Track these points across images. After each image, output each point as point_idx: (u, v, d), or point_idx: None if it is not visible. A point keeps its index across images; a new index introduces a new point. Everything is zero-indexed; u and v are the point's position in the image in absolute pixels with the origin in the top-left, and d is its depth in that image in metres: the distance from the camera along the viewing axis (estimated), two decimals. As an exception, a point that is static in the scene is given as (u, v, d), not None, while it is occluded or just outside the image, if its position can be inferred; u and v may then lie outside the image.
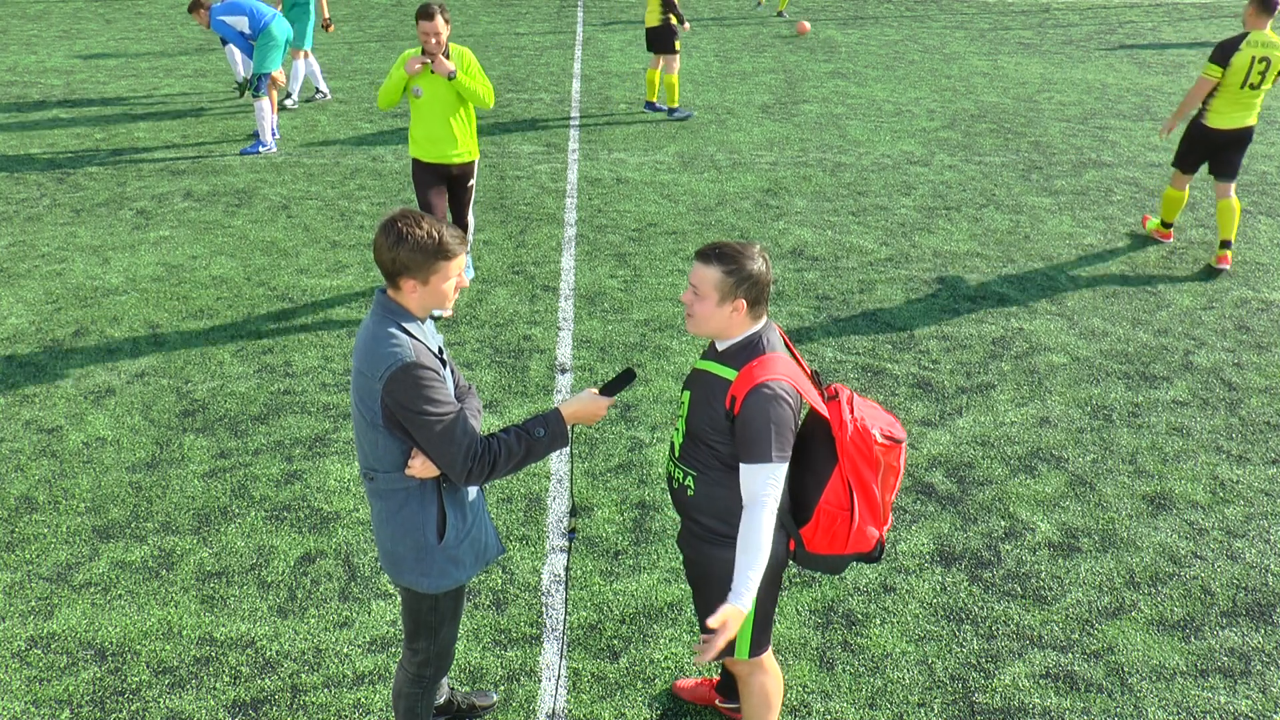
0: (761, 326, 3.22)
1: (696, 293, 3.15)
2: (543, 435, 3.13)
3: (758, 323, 3.21)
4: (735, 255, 3.11)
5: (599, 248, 8.58)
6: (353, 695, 4.16)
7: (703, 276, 3.13)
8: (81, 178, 10.12)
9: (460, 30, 18.24)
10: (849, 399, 3.28)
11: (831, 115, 12.84)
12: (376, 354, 2.99)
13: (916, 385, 6.54)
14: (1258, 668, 4.39)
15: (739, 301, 3.12)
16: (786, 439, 3.10)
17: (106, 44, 16.50)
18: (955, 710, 4.15)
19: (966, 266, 8.33)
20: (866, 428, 3.20)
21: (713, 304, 3.13)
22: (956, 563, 4.98)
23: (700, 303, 3.15)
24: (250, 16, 10.60)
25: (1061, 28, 19.41)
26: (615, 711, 4.11)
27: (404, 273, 3.00)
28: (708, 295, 3.13)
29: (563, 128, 12.09)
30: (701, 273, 3.13)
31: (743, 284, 3.11)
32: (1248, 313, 7.61)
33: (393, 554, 3.23)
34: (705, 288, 3.13)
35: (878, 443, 3.21)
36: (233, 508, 5.30)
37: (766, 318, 3.26)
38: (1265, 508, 5.42)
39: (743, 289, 3.11)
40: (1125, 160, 11.15)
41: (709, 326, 3.18)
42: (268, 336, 7.04)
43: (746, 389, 3.10)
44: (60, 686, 4.19)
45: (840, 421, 3.21)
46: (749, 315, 3.17)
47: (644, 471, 5.61)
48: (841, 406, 3.25)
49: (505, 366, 6.67)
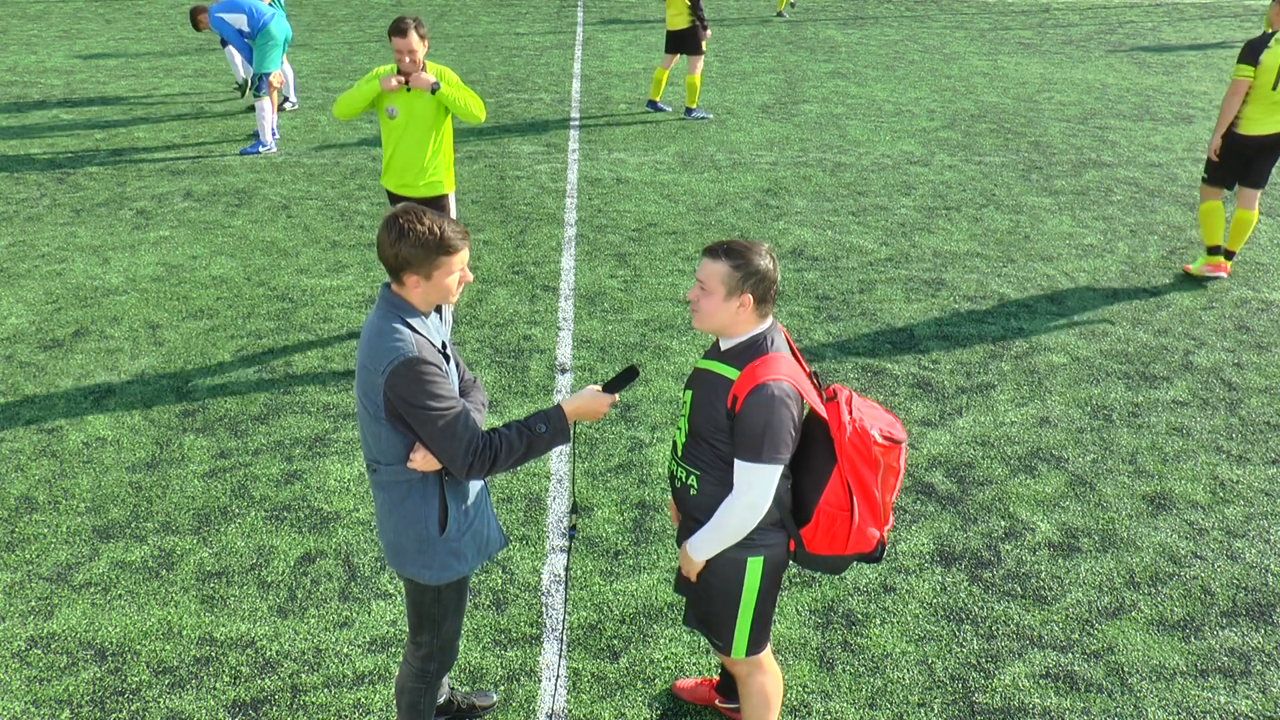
0: (767, 327, 3.23)
1: (704, 287, 3.17)
2: (544, 431, 3.15)
3: (763, 322, 3.22)
4: (743, 251, 3.14)
5: (599, 248, 8.58)
6: (353, 695, 4.16)
7: (710, 271, 3.14)
8: (81, 178, 10.12)
9: (460, 30, 18.24)
10: (848, 399, 3.29)
11: (831, 115, 12.84)
12: (379, 348, 3.01)
13: (916, 385, 6.54)
14: (1258, 668, 4.39)
15: (745, 297, 3.13)
16: (783, 440, 3.10)
17: (106, 44, 16.50)
18: (955, 710, 4.15)
19: (966, 266, 8.34)
20: (865, 428, 3.21)
21: (719, 298, 3.15)
22: (956, 563, 4.98)
23: (707, 297, 3.16)
24: (249, 15, 10.60)
25: (1061, 28, 19.41)
26: (615, 711, 4.11)
27: (406, 268, 3.03)
28: (714, 290, 3.14)
29: (563, 128, 12.09)
30: (709, 267, 3.15)
31: (749, 279, 3.12)
32: (1248, 313, 7.61)
33: (395, 545, 3.26)
34: (712, 282, 3.14)
35: (877, 443, 3.21)
36: (233, 508, 5.30)
37: (772, 318, 3.27)
38: (1265, 508, 5.42)
39: (749, 284, 3.13)
40: (1125, 160, 11.15)
41: (714, 321, 3.18)
42: (268, 336, 7.04)
43: (748, 388, 3.10)
44: (60, 686, 4.19)
45: (839, 423, 3.22)
46: (755, 313, 3.18)
47: (644, 471, 5.61)
48: (840, 408, 3.25)
49: (505, 366, 6.67)
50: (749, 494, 3.13)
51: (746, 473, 3.12)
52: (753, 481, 3.11)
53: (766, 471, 3.10)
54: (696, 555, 3.30)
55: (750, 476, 3.11)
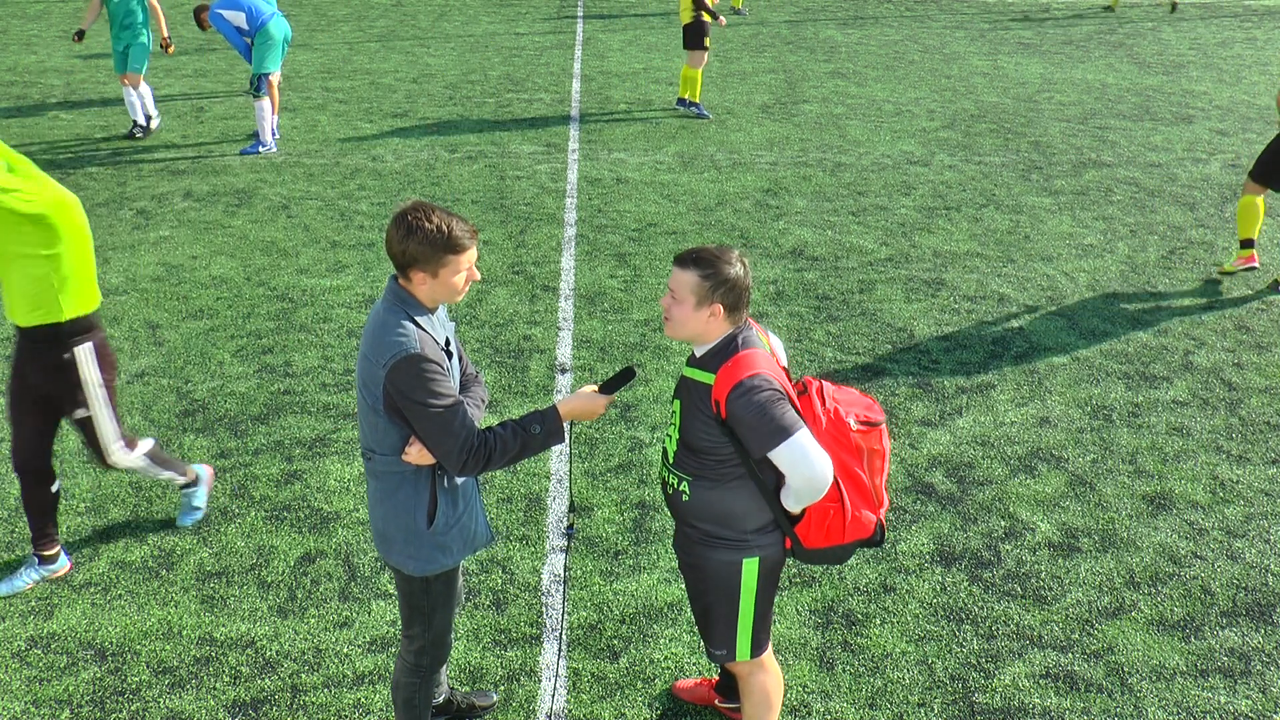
0: (737, 328, 3.22)
1: (674, 297, 3.16)
2: (538, 432, 3.18)
3: (734, 326, 3.22)
4: (712, 260, 3.12)
5: (599, 248, 8.58)
6: (353, 695, 4.16)
7: (680, 281, 3.14)
8: (81, 178, 10.12)
9: (460, 30, 18.24)
10: (818, 390, 3.29)
11: (831, 115, 12.84)
12: (383, 341, 3.04)
13: (916, 385, 6.54)
14: (1258, 668, 4.39)
15: (715, 306, 3.13)
16: (785, 413, 3.08)
17: (106, 44, 16.49)
18: (955, 710, 4.15)
19: (966, 266, 8.34)
20: (841, 416, 3.21)
21: (689, 308, 3.14)
22: (956, 563, 4.98)
23: (677, 306, 3.16)
24: (248, 13, 10.59)
25: (1061, 28, 19.41)
26: (615, 711, 4.11)
27: (414, 265, 3.05)
28: (684, 299, 3.14)
29: (563, 128, 12.10)
30: (679, 277, 3.14)
31: (719, 288, 3.11)
32: (1248, 313, 7.61)
33: (383, 533, 3.30)
34: (682, 292, 3.14)
35: (854, 430, 3.22)
36: (233, 508, 5.30)
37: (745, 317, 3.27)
38: (1265, 508, 5.42)
39: (719, 293, 3.12)
40: (1125, 160, 11.15)
41: (685, 330, 3.18)
42: (267, 336, 7.04)
43: (726, 391, 3.10)
44: (60, 686, 4.19)
45: (813, 416, 3.23)
46: (727, 320, 3.17)
47: (644, 471, 5.61)
48: (813, 400, 3.26)
49: (505, 366, 6.67)
50: (796, 473, 3.09)
51: (778, 458, 3.10)
52: (791, 461, 3.09)
53: (793, 445, 3.07)
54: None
55: (784, 458, 3.09)
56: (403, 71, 14.80)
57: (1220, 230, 9.17)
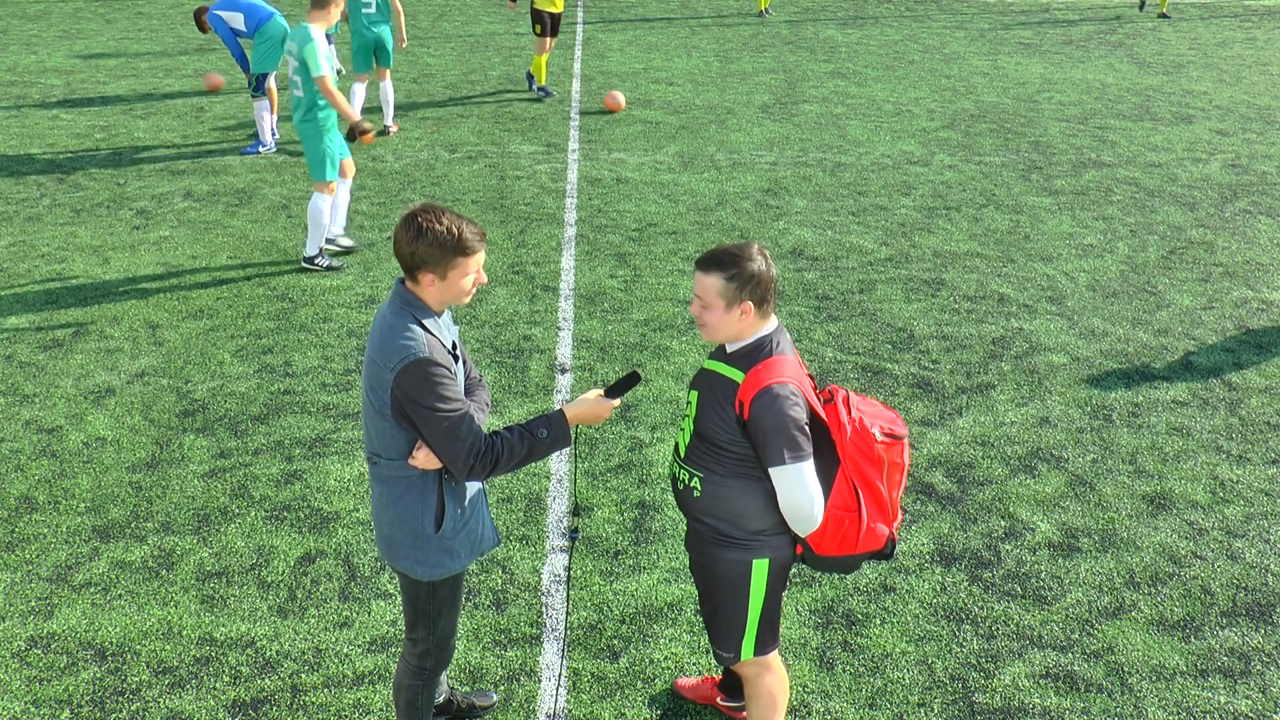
0: (773, 330, 3.23)
1: (703, 303, 3.16)
2: (545, 436, 3.16)
3: (767, 323, 3.22)
4: (734, 259, 3.11)
5: (599, 248, 8.58)
6: (353, 695, 4.16)
7: (705, 285, 3.13)
8: (81, 178, 10.12)
9: (460, 30, 18.24)
10: (845, 399, 3.28)
11: (831, 115, 12.84)
12: (390, 345, 3.03)
13: (916, 385, 6.54)
14: (1258, 668, 4.39)
15: (745, 304, 3.13)
16: (796, 438, 3.10)
17: (106, 44, 16.49)
18: (955, 710, 4.15)
19: (966, 266, 8.33)
20: (865, 427, 3.20)
21: (720, 311, 3.14)
22: (956, 563, 4.98)
23: (709, 312, 3.16)
24: (246, 14, 10.58)
25: (1061, 28, 19.41)
26: (615, 711, 4.11)
27: (422, 267, 3.04)
28: (714, 304, 3.13)
29: (563, 128, 12.09)
30: (704, 282, 3.13)
31: (745, 286, 3.11)
32: (1248, 313, 7.61)
33: (390, 539, 3.28)
34: (710, 297, 3.13)
35: (878, 441, 3.21)
36: (233, 508, 5.30)
37: (777, 320, 3.27)
38: (1265, 508, 5.42)
39: (746, 291, 3.12)
40: (1125, 160, 11.15)
41: (722, 333, 3.18)
42: (267, 336, 7.04)
43: (753, 393, 3.10)
44: (60, 686, 4.19)
45: (839, 424, 3.21)
46: (758, 315, 3.17)
47: (644, 471, 5.61)
48: (839, 409, 3.25)
49: (505, 366, 6.67)
50: (789, 497, 3.15)
51: (778, 477, 3.14)
52: (787, 485, 3.13)
53: (795, 471, 3.10)
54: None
55: (782, 480, 3.14)
56: (403, 71, 14.80)
57: (1220, 230, 9.17)
